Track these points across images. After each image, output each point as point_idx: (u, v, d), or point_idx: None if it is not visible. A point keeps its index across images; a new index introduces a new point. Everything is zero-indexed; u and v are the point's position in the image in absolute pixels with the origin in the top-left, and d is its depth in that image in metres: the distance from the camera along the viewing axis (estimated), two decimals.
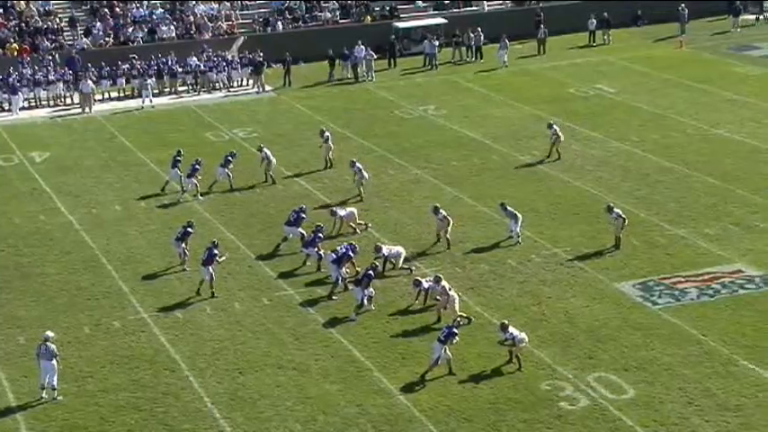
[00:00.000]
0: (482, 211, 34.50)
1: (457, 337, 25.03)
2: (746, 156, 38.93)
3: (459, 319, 26.93)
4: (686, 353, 25.44)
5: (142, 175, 39.66)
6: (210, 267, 29.18)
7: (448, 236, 31.70)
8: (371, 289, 28.21)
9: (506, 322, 25.34)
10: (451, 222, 31.82)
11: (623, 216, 31.20)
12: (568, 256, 31.02)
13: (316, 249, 30.41)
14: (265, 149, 38.16)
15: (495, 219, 33.55)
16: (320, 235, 30.66)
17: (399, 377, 24.90)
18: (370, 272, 28.31)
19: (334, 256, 29.43)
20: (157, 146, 43.10)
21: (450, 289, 27.53)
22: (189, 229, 31.21)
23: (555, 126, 39.59)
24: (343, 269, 29.32)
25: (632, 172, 37.73)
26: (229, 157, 37.78)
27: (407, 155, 40.55)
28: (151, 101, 49.16)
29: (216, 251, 29.53)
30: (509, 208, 31.94)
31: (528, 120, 44.58)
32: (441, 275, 28.28)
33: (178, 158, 37.50)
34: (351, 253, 29.53)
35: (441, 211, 31.88)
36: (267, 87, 51.41)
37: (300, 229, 31.79)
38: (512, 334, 25.02)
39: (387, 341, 26.63)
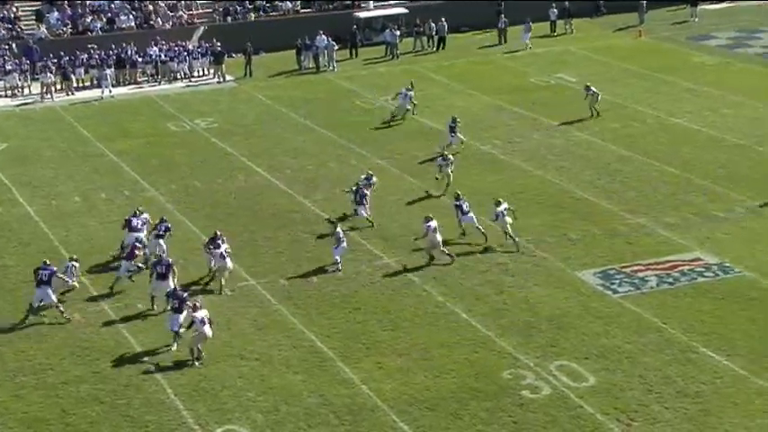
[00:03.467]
0: (444, 201, 34.56)
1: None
2: (704, 145, 39.27)
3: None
4: (646, 341, 25.65)
5: (102, 166, 39.38)
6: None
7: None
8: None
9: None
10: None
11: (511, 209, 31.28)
12: (530, 245, 31.16)
13: None
14: None
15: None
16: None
17: (362, 367, 24.92)
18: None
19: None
20: (118, 136, 42.82)
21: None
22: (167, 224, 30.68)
23: (592, 88, 42.26)
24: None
25: (593, 161, 37.96)
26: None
27: (369, 145, 40.55)
28: (110, 91, 48.79)
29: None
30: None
31: (489, 109, 44.71)
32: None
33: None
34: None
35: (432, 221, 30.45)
36: (228, 77, 51.19)
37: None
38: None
39: (349, 331, 26.64)
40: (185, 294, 26.52)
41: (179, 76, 51.50)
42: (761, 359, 24.62)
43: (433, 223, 30.09)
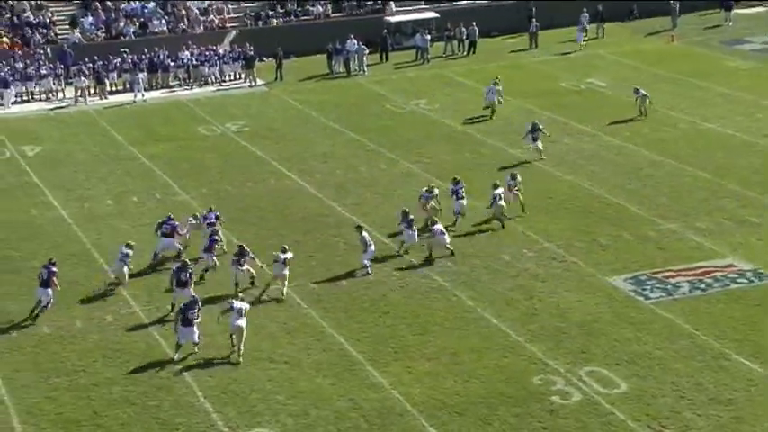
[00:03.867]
0: (473, 205, 34.45)
1: None
2: (737, 150, 39.00)
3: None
4: (678, 347, 25.49)
5: (134, 170, 39.60)
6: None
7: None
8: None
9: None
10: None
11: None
12: (561, 250, 31.05)
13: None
14: None
15: (486, 213, 33.53)
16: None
17: (391, 371, 24.91)
18: None
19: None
20: (149, 140, 43.06)
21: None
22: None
23: (641, 90, 42.68)
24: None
25: (624, 166, 37.78)
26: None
27: (399, 149, 40.56)
28: (143, 95, 49.06)
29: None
30: None
31: (519, 114, 44.58)
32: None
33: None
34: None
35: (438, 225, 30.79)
36: (259, 81, 51.35)
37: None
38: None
39: (378, 335, 26.64)
40: (195, 309, 25.92)
41: (210, 81, 51.71)
42: None
43: (439, 226, 30.67)
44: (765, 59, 51.85)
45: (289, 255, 28.74)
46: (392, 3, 58.10)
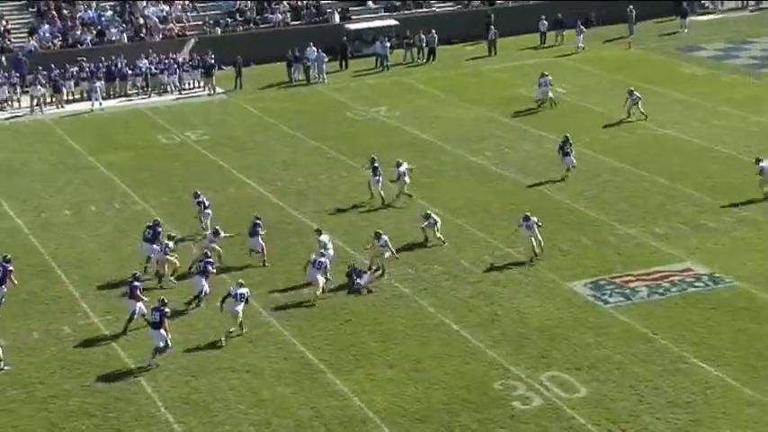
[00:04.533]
0: (435, 211, 34.52)
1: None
2: (694, 155, 39.37)
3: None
4: (637, 351, 25.68)
5: (92, 179, 39.34)
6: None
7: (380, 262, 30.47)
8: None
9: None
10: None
11: (436, 219, 31.74)
12: (521, 256, 31.18)
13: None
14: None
15: (447, 219, 33.65)
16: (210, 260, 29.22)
17: (353, 379, 24.90)
18: None
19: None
20: (108, 149, 42.79)
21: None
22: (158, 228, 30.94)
23: (635, 93, 43.06)
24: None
25: (583, 172, 37.99)
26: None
27: (360, 156, 40.53)
28: (101, 104, 48.75)
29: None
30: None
31: (479, 121, 44.77)
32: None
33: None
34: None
35: (383, 236, 30.27)
36: (218, 89, 51.20)
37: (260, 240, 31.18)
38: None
39: (340, 343, 26.62)
40: (167, 310, 26.02)
41: (169, 89, 51.48)
42: (751, 369, 24.67)
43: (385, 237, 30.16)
44: (720, 66, 52.42)
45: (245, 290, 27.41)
46: (335, 14, 58.02)
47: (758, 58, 53.71)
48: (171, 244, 30.39)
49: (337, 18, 57.95)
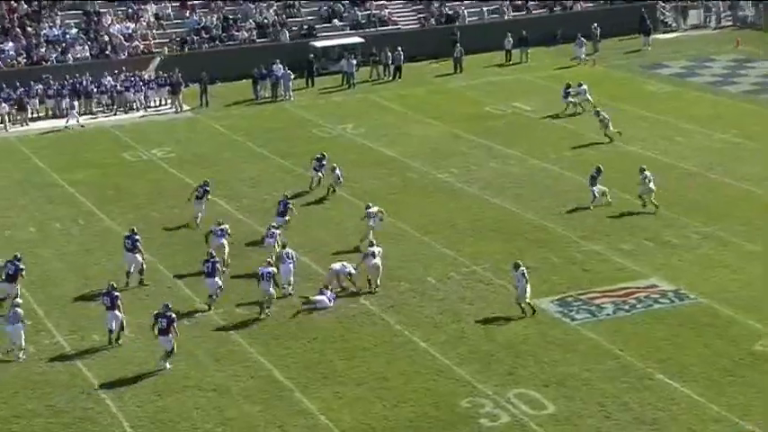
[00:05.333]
0: (401, 228, 34.62)
1: None
2: (659, 172, 39.50)
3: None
4: (604, 367, 25.77)
5: (57, 197, 39.10)
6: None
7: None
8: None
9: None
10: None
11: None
12: (488, 273, 31.25)
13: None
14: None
15: (414, 236, 33.71)
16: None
17: (320, 397, 24.83)
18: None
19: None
20: (73, 167, 42.55)
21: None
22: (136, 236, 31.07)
23: (602, 113, 42.77)
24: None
25: (549, 188, 38.18)
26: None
27: (327, 173, 40.47)
28: (78, 120, 48.38)
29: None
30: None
31: (446, 138, 44.89)
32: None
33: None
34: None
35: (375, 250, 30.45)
36: (185, 107, 51.06)
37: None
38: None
39: (307, 361, 26.55)
40: (173, 315, 26.54)
41: (135, 106, 51.29)
42: (715, 385, 24.82)
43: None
44: (683, 83, 52.88)
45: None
46: (286, 32, 57.90)
47: (720, 75, 54.24)
48: (226, 227, 32.11)
49: (287, 36, 57.80)
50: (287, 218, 33.92)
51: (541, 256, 32.28)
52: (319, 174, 38.49)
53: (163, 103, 51.86)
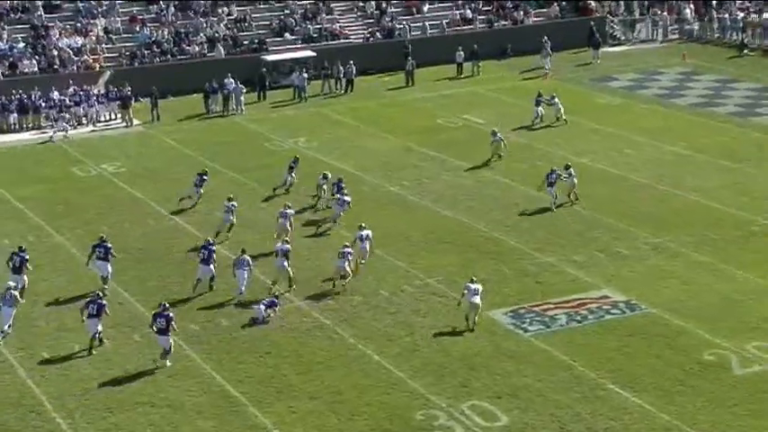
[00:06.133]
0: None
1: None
2: (610, 184, 39.99)
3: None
4: (557, 378, 25.91)
5: (5, 213, 38.65)
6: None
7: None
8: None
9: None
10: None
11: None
12: (441, 285, 31.32)
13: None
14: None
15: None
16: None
17: (274, 411, 24.74)
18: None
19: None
20: (21, 182, 42.09)
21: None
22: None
23: (498, 134, 42.72)
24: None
25: (502, 201, 38.38)
26: None
27: (279, 187, 40.42)
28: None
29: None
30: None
31: (398, 151, 44.98)
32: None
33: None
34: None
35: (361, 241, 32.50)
36: (135, 121, 50.74)
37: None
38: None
39: (261, 375, 26.43)
40: (171, 314, 27.02)
41: (85, 121, 50.87)
42: (666, 394, 25.05)
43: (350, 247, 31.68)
44: (633, 96, 53.42)
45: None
46: (220, 46, 57.70)
47: (669, 88, 54.88)
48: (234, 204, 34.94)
49: (222, 53, 57.51)
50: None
51: (494, 268, 32.41)
52: (290, 177, 39.74)
53: (113, 117, 51.47)
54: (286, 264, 30.85)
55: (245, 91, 52.78)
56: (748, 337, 27.64)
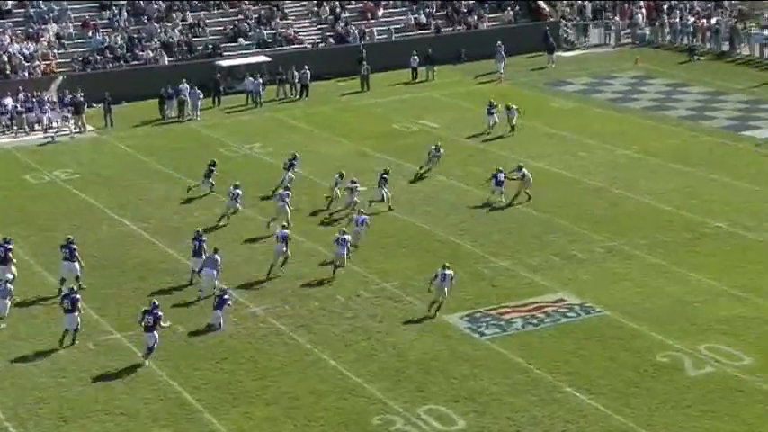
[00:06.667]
0: (310, 247, 34.59)
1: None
2: (564, 188, 40.25)
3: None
4: (513, 381, 26.03)
5: None
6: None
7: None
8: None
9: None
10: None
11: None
12: (398, 290, 31.36)
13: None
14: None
15: (323, 255, 33.67)
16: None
17: (230, 418, 24.65)
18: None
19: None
20: None
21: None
22: None
23: (438, 150, 42.33)
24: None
25: (457, 205, 38.50)
26: None
27: None
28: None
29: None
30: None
31: (353, 156, 44.99)
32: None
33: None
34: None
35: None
36: (89, 127, 50.35)
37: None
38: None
39: (217, 382, 26.32)
40: (160, 313, 27.47)
41: (36, 128, 50.39)
42: (621, 396, 25.25)
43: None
44: (587, 100, 53.83)
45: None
46: (165, 55, 57.43)
47: (621, 92, 55.36)
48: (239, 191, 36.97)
49: (166, 60, 57.19)
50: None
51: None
52: (289, 173, 40.26)
53: (66, 123, 51.03)
54: (285, 249, 32.25)
55: (201, 96, 52.54)
56: (700, 339, 27.95)
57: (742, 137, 46.44)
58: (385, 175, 38.38)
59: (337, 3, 63.55)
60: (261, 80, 54.72)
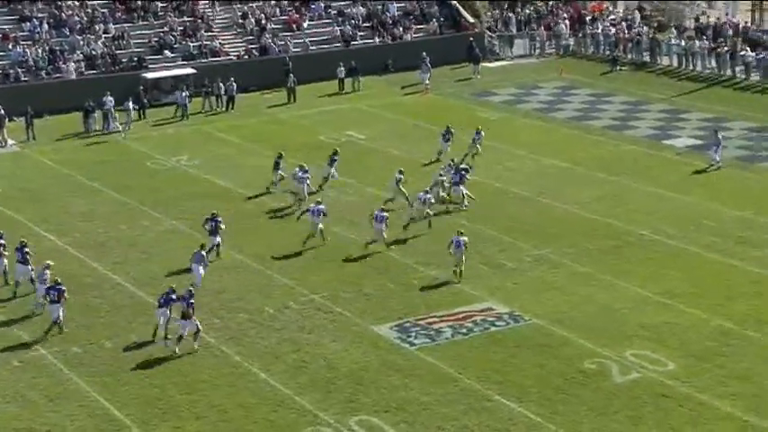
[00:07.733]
0: (238, 259, 34.40)
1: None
2: (492, 197, 40.51)
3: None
4: (443, 391, 26.12)
5: None
6: None
7: None
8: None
9: None
10: None
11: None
12: (326, 301, 31.32)
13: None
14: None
15: (251, 266, 33.50)
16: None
17: None
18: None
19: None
20: None
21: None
22: None
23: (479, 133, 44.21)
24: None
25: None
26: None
27: (162, 206, 39.96)
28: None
29: None
30: None
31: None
32: None
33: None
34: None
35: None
36: (10, 141, 49.55)
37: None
38: None
39: (145, 396, 26.03)
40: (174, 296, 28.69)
41: None
42: (551, 404, 25.47)
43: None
44: (512, 110, 54.32)
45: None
46: (72, 66, 56.72)
47: (547, 102, 55.98)
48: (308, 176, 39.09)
49: (74, 74, 56.51)
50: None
51: (379, 282, 32.55)
52: (332, 170, 41.63)
53: None
54: (320, 224, 34.90)
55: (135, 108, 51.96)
56: (626, 345, 28.31)
57: (663, 146, 47.23)
58: (335, 156, 41.47)
59: (263, 15, 63.40)
60: (187, 92, 54.34)
